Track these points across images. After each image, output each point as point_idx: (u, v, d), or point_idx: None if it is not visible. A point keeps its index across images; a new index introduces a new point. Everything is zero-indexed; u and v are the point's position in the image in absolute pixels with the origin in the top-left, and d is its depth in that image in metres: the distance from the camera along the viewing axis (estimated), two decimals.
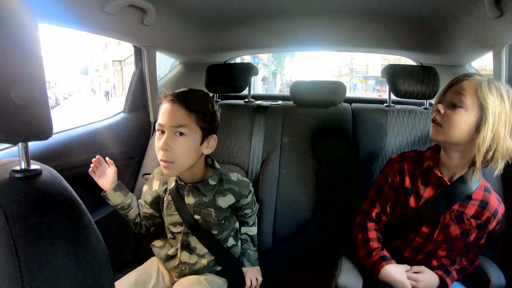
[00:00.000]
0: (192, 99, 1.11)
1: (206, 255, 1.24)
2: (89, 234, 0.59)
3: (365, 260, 1.17)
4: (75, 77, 45.47)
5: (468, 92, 1.02)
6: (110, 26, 1.36)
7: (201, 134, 1.11)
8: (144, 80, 1.78)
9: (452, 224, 1.10)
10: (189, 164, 1.13)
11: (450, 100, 1.05)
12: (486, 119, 0.99)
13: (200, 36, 1.79)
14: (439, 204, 1.10)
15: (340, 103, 1.71)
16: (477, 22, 1.33)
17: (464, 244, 1.11)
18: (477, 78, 1.03)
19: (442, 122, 1.05)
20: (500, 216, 1.11)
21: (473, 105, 1.01)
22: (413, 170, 1.18)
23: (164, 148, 1.07)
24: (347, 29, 1.78)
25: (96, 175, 1.27)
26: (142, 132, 1.79)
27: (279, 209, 1.55)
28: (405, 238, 1.17)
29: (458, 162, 1.09)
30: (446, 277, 1.11)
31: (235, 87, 1.72)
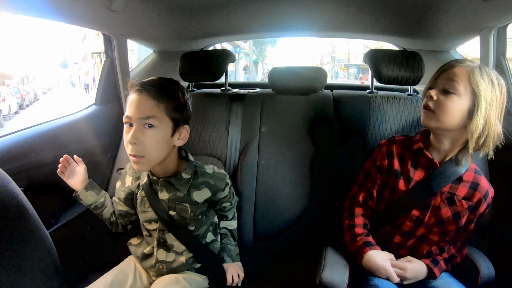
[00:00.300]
0: (161, 88, 1.05)
1: (184, 253, 1.20)
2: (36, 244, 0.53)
3: (350, 245, 1.18)
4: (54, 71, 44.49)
5: (461, 78, 1.03)
6: (76, 13, 1.29)
7: (172, 125, 1.06)
8: (115, 70, 1.70)
9: (444, 206, 1.10)
10: (160, 157, 1.08)
11: (442, 86, 1.05)
12: (478, 106, 1.01)
13: (174, 21, 1.72)
14: (430, 186, 1.10)
15: (321, 90, 1.67)
16: (464, 5, 1.31)
17: (456, 228, 1.11)
18: (469, 65, 1.05)
19: (435, 108, 1.05)
20: (490, 198, 1.11)
21: (466, 92, 1.02)
22: (403, 153, 1.18)
23: (133, 142, 1.01)
24: (329, 14, 1.74)
25: (66, 176, 1.21)
26: (115, 125, 1.71)
27: (259, 201, 1.51)
28: (394, 223, 1.16)
29: (448, 147, 1.10)
30: (434, 267, 1.11)
31: (211, 75, 1.66)
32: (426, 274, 1.11)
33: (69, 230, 1.38)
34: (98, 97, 1.72)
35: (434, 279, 1.11)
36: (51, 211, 1.35)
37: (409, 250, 1.16)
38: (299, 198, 1.51)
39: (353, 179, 1.34)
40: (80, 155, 1.39)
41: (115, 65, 1.69)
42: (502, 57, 1.42)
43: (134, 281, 1.19)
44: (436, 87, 1.07)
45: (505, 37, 1.42)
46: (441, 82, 1.06)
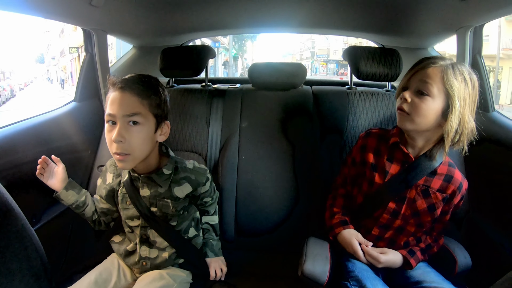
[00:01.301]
0: (143, 85, 1.05)
1: (166, 248, 1.20)
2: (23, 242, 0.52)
3: (327, 221, 1.26)
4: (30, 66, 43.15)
5: (435, 80, 1.04)
6: (56, 8, 1.26)
7: (155, 121, 1.07)
8: (95, 66, 1.67)
9: (419, 198, 1.13)
10: (145, 154, 1.08)
11: (416, 87, 1.07)
12: (453, 106, 1.03)
13: (154, 17, 1.70)
14: (405, 179, 1.13)
15: (300, 86, 1.70)
16: (442, 4, 1.34)
17: (432, 219, 1.14)
18: (442, 64, 1.05)
19: (410, 110, 1.07)
20: (464, 190, 1.15)
21: (440, 93, 1.04)
22: (378, 147, 1.21)
23: (118, 140, 1.01)
24: (308, 10, 1.75)
25: (45, 177, 1.19)
26: (95, 121, 1.68)
27: (240, 196, 1.53)
28: (372, 215, 1.19)
29: (422, 144, 1.13)
30: (410, 258, 1.14)
31: (191, 70, 1.66)
32: (401, 263, 1.15)
33: (51, 229, 1.36)
34: (78, 93, 1.69)
35: (411, 269, 1.15)
36: (33, 210, 1.32)
37: (387, 242, 1.19)
38: (280, 192, 1.53)
39: (332, 172, 1.37)
40: (60, 152, 1.36)
41: (95, 61, 1.66)
42: (478, 55, 1.46)
43: (118, 279, 1.19)
44: (410, 88, 1.08)
45: (481, 36, 1.46)
46: (414, 83, 1.07)
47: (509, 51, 13.36)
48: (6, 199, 0.54)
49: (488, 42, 12.94)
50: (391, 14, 1.63)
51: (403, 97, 1.08)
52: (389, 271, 1.17)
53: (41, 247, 0.55)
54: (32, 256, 0.52)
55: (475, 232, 1.34)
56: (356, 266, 1.13)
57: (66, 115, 1.60)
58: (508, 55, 13.43)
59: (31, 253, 0.52)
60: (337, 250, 1.21)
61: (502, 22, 12.93)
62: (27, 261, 0.51)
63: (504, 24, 13.13)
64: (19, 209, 0.54)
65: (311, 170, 1.52)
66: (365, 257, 1.15)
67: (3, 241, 0.49)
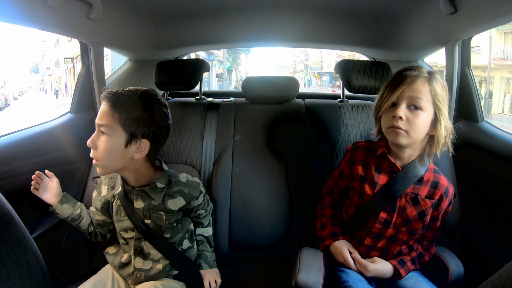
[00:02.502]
0: (120, 99, 1.05)
1: (161, 260, 1.20)
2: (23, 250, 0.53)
3: (318, 232, 1.31)
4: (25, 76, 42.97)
5: (424, 93, 1.07)
6: (54, 21, 1.28)
7: (126, 136, 1.05)
8: (91, 78, 1.68)
9: (409, 206, 1.15)
10: (115, 166, 1.09)
11: (408, 103, 1.08)
12: (441, 115, 1.07)
13: (150, 31, 1.73)
14: (394, 189, 1.15)
15: (293, 99, 1.72)
16: (430, 18, 1.37)
17: (423, 225, 1.16)
18: (426, 76, 1.09)
19: (407, 127, 1.08)
20: (451, 195, 1.18)
21: (429, 104, 1.08)
22: (366, 159, 1.23)
23: (89, 144, 1.07)
24: (301, 25, 1.79)
25: (39, 191, 1.22)
26: (90, 133, 1.65)
27: (234, 208, 1.53)
28: (364, 226, 1.20)
29: (409, 153, 1.15)
30: (400, 268, 1.16)
31: (186, 84, 1.67)
32: (392, 273, 1.16)
33: (46, 240, 1.36)
34: (74, 105, 1.69)
35: (401, 279, 1.16)
36: (28, 221, 1.32)
37: (380, 252, 1.20)
38: (274, 204, 1.54)
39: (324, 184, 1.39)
40: (55, 163, 1.37)
41: (91, 73, 1.67)
42: (467, 67, 1.48)
43: None
44: (400, 105, 1.08)
45: (469, 48, 1.48)
46: (404, 98, 1.08)
47: (500, 61, 13.52)
48: (7, 208, 0.55)
49: (480, 52, 13.12)
50: (382, 29, 1.67)
51: (396, 115, 1.08)
52: (382, 281, 1.18)
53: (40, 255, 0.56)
54: (32, 264, 0.53)
55: (467, 241, 1.35)
56: (349, 276, 1.14)
57: (62, 127, 1.61)
58: (499, 65, 13.57)
59: (31, 260, 0.54)
60: (330, 259, 1.23)
61: (493, 33, 13.11)
62: (27, 268, 0.52)
63: (495, 35, 13.33)
64: (19, 218, 0.55)
65: (304, 182, 1.53)
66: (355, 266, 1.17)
67: (4, 249, 0.50)
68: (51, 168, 1.32)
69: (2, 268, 0.48)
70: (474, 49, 1.54)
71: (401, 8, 1.43)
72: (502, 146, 1.26)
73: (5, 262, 0.49)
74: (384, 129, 1.14)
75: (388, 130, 1.12)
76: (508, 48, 13.40)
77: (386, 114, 1.13)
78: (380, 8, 1.48)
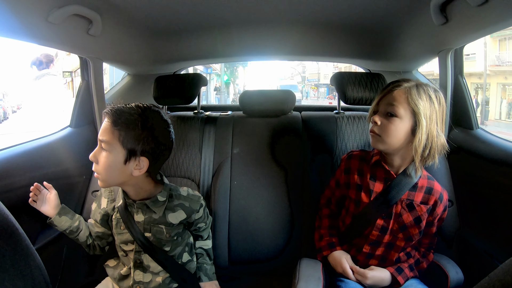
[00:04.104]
0: (121, 116, 1.06)
1: (160, 273, 1.21)
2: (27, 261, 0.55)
3: (316, 243, 1.33)
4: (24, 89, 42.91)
5: (400, 101, 1.11)
6: (54, 37, 1.30)
7: (125, 153, 1.06)
8: (90, 93, 1.70)
9: (405, 212, 1.17)
10: (115, 180, 1.10)
11: (384, 110, 1.14)
12: (419, 123, 1.09)
13: (149, 46, 1.76)
14: (390, 196, 1.17)
15: (290, 112, 1.74)
16: (422, 29, 1.40)
17: (419, 231, 1.18)
18: (406, 86, 1.13)
19: (381, 132, 1.14)
20: (445, 201, 1.20)
21: (406, 112, 1.11)
22: (361, 167, 1.26)
23: (91, 158, 1.08)
24: (297, 39, 1.82)
25: (38, 204, 1.20)
26: (89, 147, 1.66)
27: (233, 220, 1.54)
28: (362, 233, 1.22)
29: (399, 162, 1.18)
30: (398, 275, 1.17)
31: (184, 98, 1.69)
32: (390, 281, 1.17)
33: (46, 253, 1.36)
34: (74, 119, 1.70)
35: (399, 287, 1.17)
36: (28, 234, 1.32)
37: (379, 260, 1.21)
38: (272, 216, 1.54)
39: None
40: (54, 177, 1.38)
41: (90, 88, 1.69)
42: (460, 76, 1.50)
43: None
44: (379, 112, 1.16)
45: (462, 57, 1.50)
46: (383, 107, 1.15)
47: (496, 67, 13.62)
48: (10, 220, 0.56)
49: (475, 60, 13.23)
50: (376, 41, 1.70)
51: (373, 120, 1.15)
52: None
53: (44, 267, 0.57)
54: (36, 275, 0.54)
55: (466, 247, 1.36)
56: (348, 286, 1.15)
57: (62, 141, 1.62)
58: (494, 71, 13.67)
59: (35, 271, 0.54)
60: (329, 270, 1.23)
61: (487, 40, 13.22)
62: (31, 279, 0.53)
63: (490, 42, 13.44)
64: (22, 230, 0.56)
65: (302, 194, 1.54)
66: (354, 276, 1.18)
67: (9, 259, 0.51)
68: (51, 182, 1.33)
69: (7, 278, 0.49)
70: (469, 56, 1.56)
71: (394, 20, 1.46)
72: (497, 152, 1.27)
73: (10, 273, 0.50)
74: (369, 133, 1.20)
75: (370, 134, 1.18)
76: (503, 55, 13.51)
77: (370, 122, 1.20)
78: (373, 21, 1.51)
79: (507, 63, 13.40)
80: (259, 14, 1.49)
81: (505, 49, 13.43)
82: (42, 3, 1.09)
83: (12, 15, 1.06)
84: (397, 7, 1.34)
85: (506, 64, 13.43)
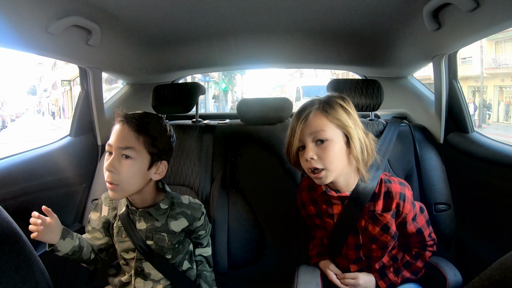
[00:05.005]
0: (143, 122, 1.09)
1: (161, 281, 1.20)
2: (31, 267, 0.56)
3: (309, 251, 1.34)
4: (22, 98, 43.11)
5: (324, 124, 1.07)
6: (54, 47, 1.31)
7: (149, 159, 1.09)
8: (90, 102, 1.72)
9: (369, 224, 1.16)
10: (134, 188, 1.10)
11: (312, 141, 1.08)
12: (350, 135, 1.07)
13: (147, 56, 1.78)
14: (351, 214, 1.16)
15: (287, 119, 1.74)
16: (416, 35, 1.42)
17: (392, 237, 1.16)
18: (316, 108, 1.10)
19: (323, 164, 1.06)
20: (409, 196, 1.16)
21: (334, 132, 1.07)
22: (312, 197, 1.25)
23: (109, 169, 1.05)
24: (294, 47, 1.84)
25: (40, 235, 1.04)
26: (89, 156, 1.72)
27: (232, 228, 1.54)
28: (341, 252, 1.22)
29: (345, 180, 1.15)
30: (380, 280, 1.18)
31: (183, 107, 1.70)
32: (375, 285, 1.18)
33: (45, 261, 1.34)
34: (73, 128, 1.72)
35: None
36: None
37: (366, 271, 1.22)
38: (271, 223, 1.55)
39: None
40: (54, 186, 1.39)
41: (90, 97, 1.71)
42: (454, 80, 1.52)
43: None
44: (307, 145, 1.08)
45: (455, 62, 1.52)
46: (307, 137, 1.07)
47: (492, 70, 13.67)
48: (14, 226, 0.57)
49: (472, 63, 13.29)
50: (371, 47, 1.72)
51: (307, 157, 1.06)
52: None
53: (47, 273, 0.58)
54: (39, 280, 0.55)
55: (464, 249, 1.36)
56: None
57: (61, 149, 1.63)
58: (491, 74, 13.73)
59: (38, 277, 0.55)
60: None
61: (484, 43, 13.27)
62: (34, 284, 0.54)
63: (486, 44, 13.48)
64: (25, 237, 0.57)
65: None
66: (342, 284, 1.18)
67: (13, 265, 0.52)
68: (51, 191, 1.34)
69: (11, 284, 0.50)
70: (466, 59, 1.57)
71: (388, 27, 1.48)
72: (493, 154, 1.28)
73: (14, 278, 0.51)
74: (307, 173, 1.12)
75: (310, 175, 1.11)
76: (500, 57, 13.56)
77: (301, 158, 1.12)
78: (368, 28, 1.53)
79: (504, 65, 13.44)
80: (256, 23, 1.51)
81: (501, 52, 13.47)
82: (42, 14, 1.10)
83: (12, 26, 1.08)
84: (390, 14, 1.36)
85: (503, 67, 13.48)
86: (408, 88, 1.93)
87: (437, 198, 1.46)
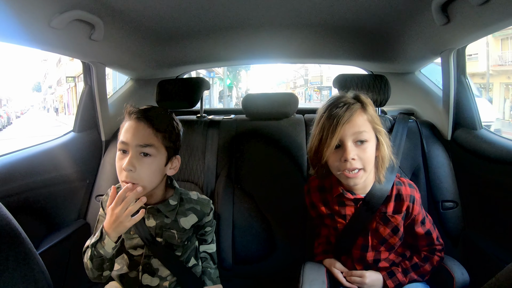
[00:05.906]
0: (159, 118, 1.08)
1: (168, 277, 1.20)
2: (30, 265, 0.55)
3: (315, 249, 1.33)
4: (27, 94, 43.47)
5: (365, 125, 1.08)
6: (57, 42, 1.30)
7: (167, 154, 1.09)
8: (93, 97, 1.71)
9: (380, 226, 1.15)
10: (153, 186, 1.09)
11: (353, 139, 1.06)
12: (381, 136, 1.09)
13: (151, 51, 1.77)
14: (364, 215, 1.15)
15: (292, 115, 1.73)
16: (425, 30, 1.39)
17: (399, 238, 1.16)
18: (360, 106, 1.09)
19: (362, 165, 1.06)
20: (418, 199, 1.17)
21: (371, 132, 1.09)
22: (324, 198, 1.23)
23: (129, 168, 1.02)
24: (299, 42, 1.82)
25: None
26: (93, 151, 1.71)
27: (237, 224, 1.53)
28: (348, 252, 1.21)
29: (366, 180, 1.14)
30: (388, 279, 1.16)
31: (187, 102, 1.68)
32: (382, 284, 1.17)
33: (49, 257, 1.35)
34: (77, 124, 1.72)
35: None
36: (32, 238, 1.32)
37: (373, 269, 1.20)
38: (276, 219, 1.54)
39: None
40: (58, 181, 1.38)
41: (93, 93, 1.70)
42: (463, 76, 1.50)
43: None
44: (344, 145, 1.06)
45: (464, 57, 1.50)
46: (348, 137, 1.06)
47: (498, 67, 13.59)
48: (13, 224, 0.56)
49: (478, 60, 13.20)
50: (378, 42, 1.70)
51: (347, 158, 1.04)
52: None
53: (47, 271, 0.57)
54: (39, 279, 0.54)
55: (471, 248, 1.35)
56: None
57: (65, 145, 1.63)
58: (497, 71, 13.64)
59: (38, 276, 0.54)
60: None
61: (490, 40, 13.19)
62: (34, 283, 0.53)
63: (492, 41, 13.40)
64: (25, 234, 0.57)
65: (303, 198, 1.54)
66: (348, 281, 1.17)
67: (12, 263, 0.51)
68: (55, 186, 1.33)
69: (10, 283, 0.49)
70: (472, 56, 1.55)
71: (396, 21, 1.46)
72: (501, 152, 1.27)
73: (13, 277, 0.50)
74: (335, 173, 1.11)
75: (342, 175, 1.09)
76: (506, 54, 13.47)
77: (332, 157, 1.10)
78: (375, 23, 1.51)
79: (510, 62, 13.35)
80: (262, 17, 1.50)
81: (507, 49, 13.39)
82: (45, 9, 1.09)
83: (15, 20, 1.07)
84: (398, 8, 1.34)
85: (509, 64, 13.38)
86: (415, 84, 1.91)
87: (445, 196, 1.44)
